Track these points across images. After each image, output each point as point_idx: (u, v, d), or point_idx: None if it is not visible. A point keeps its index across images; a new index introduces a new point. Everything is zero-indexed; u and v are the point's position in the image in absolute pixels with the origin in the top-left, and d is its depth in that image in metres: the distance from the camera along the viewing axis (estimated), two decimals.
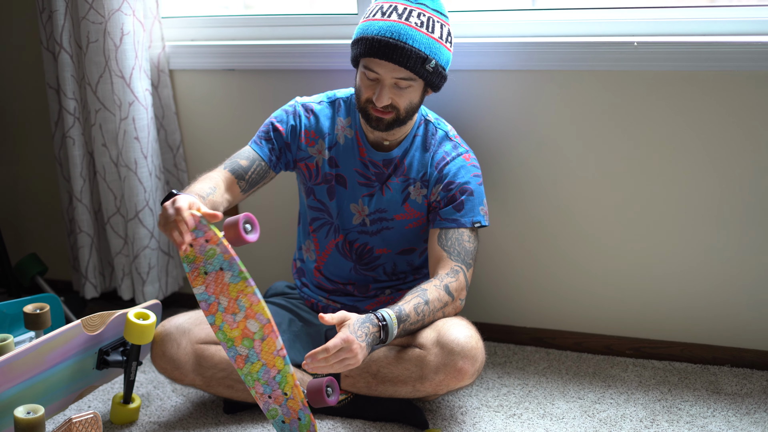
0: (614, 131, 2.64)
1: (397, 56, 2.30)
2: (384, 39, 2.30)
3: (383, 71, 2.33)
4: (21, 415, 2.03)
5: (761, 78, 2.47)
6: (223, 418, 2.51)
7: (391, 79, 2.33)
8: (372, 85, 2.36)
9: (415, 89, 2.37)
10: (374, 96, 2.34)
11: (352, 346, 2.16)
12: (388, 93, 2.34)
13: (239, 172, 2.45)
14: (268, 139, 2.51)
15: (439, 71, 2.37)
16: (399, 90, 2.35)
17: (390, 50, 2.30)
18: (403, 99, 2.36)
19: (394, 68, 2.32)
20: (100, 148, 2.95)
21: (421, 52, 2.31)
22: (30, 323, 2.41)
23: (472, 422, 2.45)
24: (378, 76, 2.34)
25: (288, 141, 2.51)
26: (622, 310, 2.78)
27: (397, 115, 2.38)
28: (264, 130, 2.53)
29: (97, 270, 3.12)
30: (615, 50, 2.56)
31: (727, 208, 2.59)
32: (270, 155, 2.50)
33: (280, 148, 2.51)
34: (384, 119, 2.38)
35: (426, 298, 2.33)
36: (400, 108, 2.36)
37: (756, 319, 2.65)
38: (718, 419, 2.42)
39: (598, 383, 2.63)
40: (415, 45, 2.31)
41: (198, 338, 2.45)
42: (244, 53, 2.95)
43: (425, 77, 2.35)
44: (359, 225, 2.55)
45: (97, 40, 2.85)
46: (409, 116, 2.40)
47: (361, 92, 2.39)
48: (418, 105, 2.41)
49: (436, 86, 2.41)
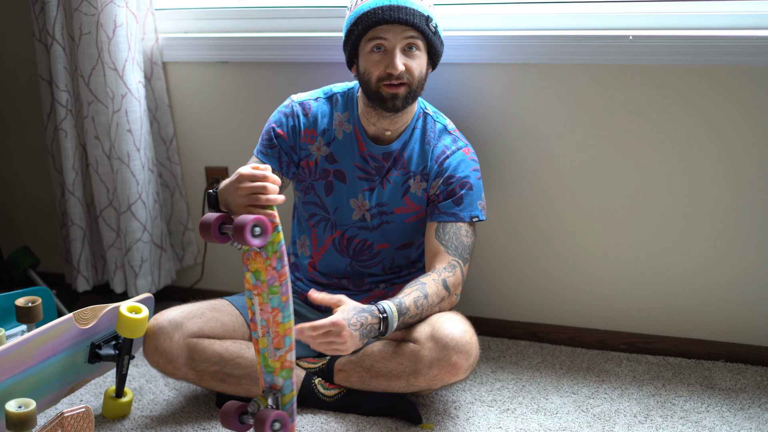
0: (609, 125, 2.63)
1: (403, 14, 2.33)
2: (385, 5, 2.34)
3: (392, 35, 2.35)
4: (12, 409, 2.02)
5: (757, 72, 2.47)
6: (215, 412, 2.51)
7: (402, 42, 2.35)
8: (382, 59, 2.37)
9: (422, 55, 2.39)
10: (388, 64, 2.35)
11: (341, 332, 2.17)
12: (402, 57, 2.36)
13: None
14: (273, 146, 2.49)
15: (439, 35, 2.42)
16: (411, 55, 2.37)
17: (394, 11, 2.33)
18: (415, 65, 2.37)
19: (402, 29, 2.34)
20: (93, 140, 2.94)
21: (421, 12, 2.35)
22: (22, 316, 2.39)
23: (466, 417, 2.44)
24: (387, 44, 2.36)
25: (292, 144, 2.50)
26: (616, 305, 2.77)
27: (410, 87, 2.38)
28: (267, 138, 2.50)
29: (90, 263, 3.11)
30: (610, 44, 2.56)
31: (721, 203, 2.59)
32: (280, 164, 2.49)
33: (286, 152, 2.50)
34: (399, 94, 2.37)
35: (425, 292, 2.33)
36: (413, 76, 2.37)
37: (750, 314, 2.65)
38: (712, 414, 2.42)
39: (592, 378, 2.63)
40: (414, 6, 2.35)
41: (191, 332, 2.44)
42: (237, 45, 2.94)
43: (430, 38, 2.38)
44: (359, 221, 2.54)
45: (90, 32, 2.83)
46: (419, 92, 2.41)
47: (372, 74, 2.38)
48: (425, 79, 2.42)
49: (437, 55, 2.44)
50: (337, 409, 2.47)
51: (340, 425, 2.41)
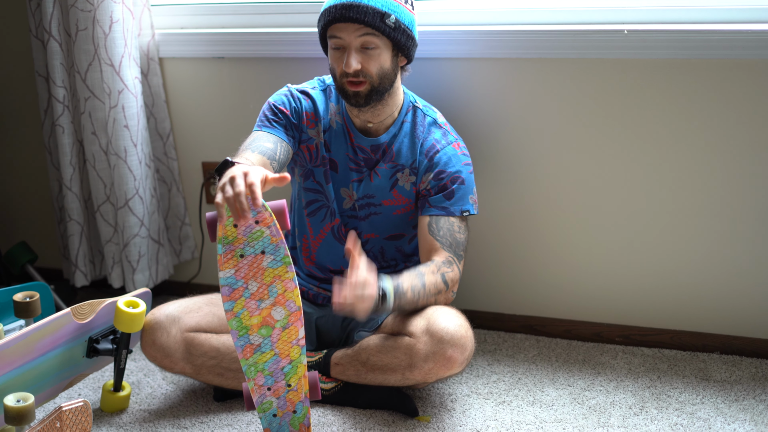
0: (604, 119, 2.64)
1: (354, 13, 2.31)
2: (339, 3, 2.33)
3: (345, 34, 2.34)
4: (11, 403, 2.02)
5: (753, 66, 2.47)
6: (213, 406, 2.51)
7: (356, 41, 2.34)
8: (341, 56, 2.37)
9: (383, 52, 2.36)
10: (344, 64, 2.34)
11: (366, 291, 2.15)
12: (356, 57, 2.34)
13: (269, 153, 2.36)
14: (277, 120, 2.47)
15: (403, 28, 2.37)
16: (367, 54, 2.35)
17: (346, 10, 2.31)
18: (372, 63, 2.35)
19: (355, 28, 2.32)
20: (90, 136, 2.94)
21: (377, 8, 2.32)
22: (20, 311, 2.40)
23: (462, 409, 2.45)
24: (343, 42, 2.35)
25: (295, 122, 2.49)
26: (611, 298, 2.78)
27: (371, 84, 2.37)
28: (268, 113, 2.47)
29: (87, 258, 3.11)
30: (605, 38, 2.56)
31: (716, 196, 2.60)
32: (286, 133, 2.46)
33: (292, 126, 2.48)
34: (360, 92, 2.37)
35: (423, 281, 2.33)
36: (371, 74, 2.36)
37: (745, 306, 2.66)
38: (707, 406, 2.43)
39: (588, 370, 2.64)
40: (371, 3, 2.32)
41: (188, 326, 2.45)
42: (234, 41, 2.95)
43: (388, 34, 2.34)
44: (349, 209, 2.55)
45: (86, 28, 2.83)
46: (384, 86, 2.39)
47: (335, 70, 2.39)
48: (392, 73, 2.40)
49: (404, 48, 2.40)
50: (334, 402, 2.48)
51: (337, 418, 2.42)
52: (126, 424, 2.45)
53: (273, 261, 2.09)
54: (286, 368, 2.19)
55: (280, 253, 2.08)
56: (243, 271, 2.09)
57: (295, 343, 2.16)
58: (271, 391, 2.21)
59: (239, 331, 2.14)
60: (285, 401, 2.23)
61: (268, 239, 2.07)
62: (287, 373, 2.19)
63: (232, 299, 2.12)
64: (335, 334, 2.61)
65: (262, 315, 2.13)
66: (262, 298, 2.12)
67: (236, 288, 2.11)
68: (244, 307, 2.12)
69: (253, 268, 2.09)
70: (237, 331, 2.14)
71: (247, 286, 2.11)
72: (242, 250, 2.08)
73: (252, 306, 2.12)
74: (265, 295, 2.11)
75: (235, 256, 2.08)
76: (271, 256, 2.08)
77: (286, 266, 2.10)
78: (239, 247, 2.07)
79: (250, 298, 2.12)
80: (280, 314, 2.13)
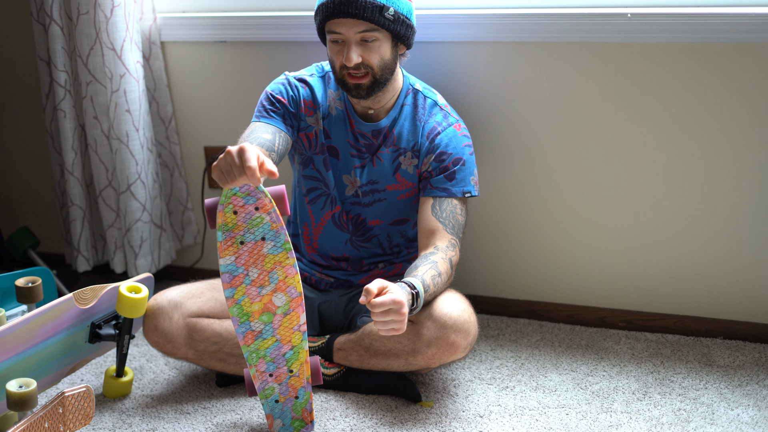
0: (607, 103, 2.63)
1: (352, 8, 2.29)
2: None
3: (345, 29, 2.32)
4: (13, 388, 2.02)
5: (757, 50, 2.46)
6: (215, 391, 2.51)
7: (355, 35, 2.32)
8: (340, 50, 2.36)
9: (383, 44, 2.35)
10: (345, 56, 2.33)
11: (401, 309, 2.09)
12: (357, 51, 2.33)
13: (268, 144, 2.35)
14: (275, 110, 2.45)
15: (402, 19, 2.35)
16: (367, 46, 2.34)
17: (345, 5, 2.30)
18: (373, 56, 2.35)
19: (354, 23, 2.31)
20: (92, 120, 2.94)
21: (376, 1, 2.30)
22: (22, 297, 2.40)
23: (465, 395, 2.45)
24: (342, 37, 2.34)
25: (292, 111, 2.48)
26: (615, 283, 2.78)
27: (373, 77, 2.36)
28: (266, 103, 2.47)
29: (90, 243, 3.11)
30: (608, 22, 2.55)
31: (720, 181, 2.59)
32: (284, 122, 2.45)
33: (290, 115, 2.47)
34: (362, 84, 2.37)
35: (438, 270, 2.31)
36: (373, 66, 2.35)
37: (749, 291, 2.65)
38: (710, 391, 2.42)
39: (591, 355, 2.64)
40: None
41: (190, 311, 2.44)
42: (235, 25, 2.93)
43: (388, 27, 2.33)
44: (352, 196, 2.54)
45: (88, 12, 2.82)
46: (386, 77, 2.38)
47: (335, 62, 2.38)
48: (392, 63, 2.39)
49: (404, 38, 2.39)
50: (337, 387, 2.47)
51: (339, 404, 2.42)
52: (128, 410, 2.45)
53: (273, 247, 2.09)
54: (288, 354, 2.19)
55: (280, 239, 2.08)
56: (243, 257, 2.09)
57: (296, 329, 2.16)
58: (273, 377, 2.21)
59: (240, 318, 2.14)
60: (287, 387, 2.23)
61: (268, 225, 2.06)
62: (289, 359, 2.19)
63: (232, 286, 2.12)
64: (338, 320, 2.61)
65: (263, 301, 2.13)
66: (262, 284, 2.11)
67: (237, 275, 2.11)
68: (245, 293, 2.12)
69: (253, 254, 2.09)
70: (238, 318, 2.14)
71: (247, 273, 2.10)
72: (242, 237, 2.07)
73: (253, 293, 2.12)
74: (266, 281, 2.11)
75: (235, 242, 2.08)
76: (271, 242, 2.08)
77: (287, 252, 2.09)
78: (239, 233, 2.07)
79: (251, 285, 2.11)
80: (281, 300, 2.13)
